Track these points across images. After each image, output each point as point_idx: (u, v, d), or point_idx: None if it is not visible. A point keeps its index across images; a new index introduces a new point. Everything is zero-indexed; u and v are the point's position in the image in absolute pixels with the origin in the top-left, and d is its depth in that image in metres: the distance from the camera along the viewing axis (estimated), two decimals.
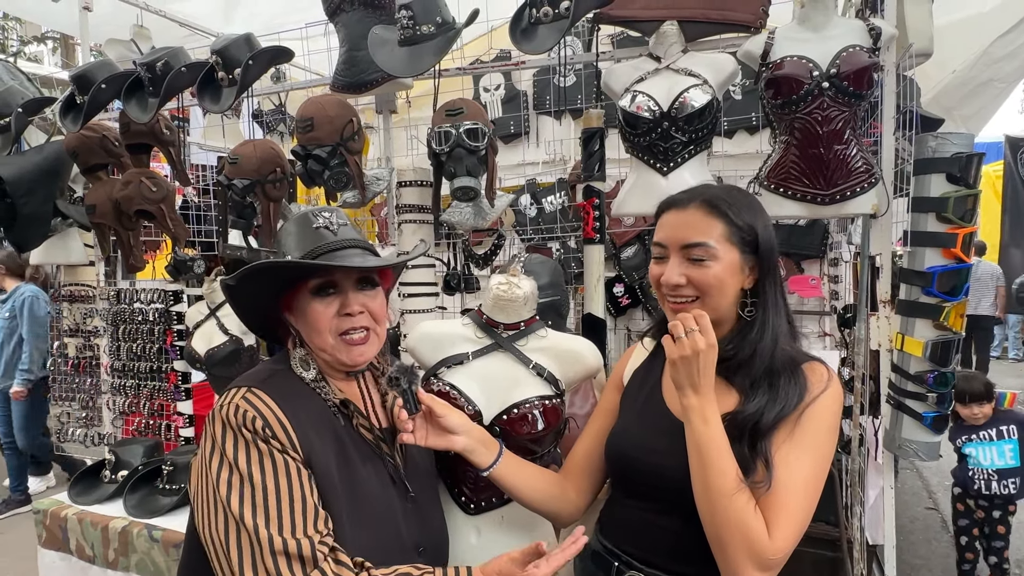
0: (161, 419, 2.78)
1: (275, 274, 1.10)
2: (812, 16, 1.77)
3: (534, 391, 1.40)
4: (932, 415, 1.76)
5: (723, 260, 1.10)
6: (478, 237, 2.69)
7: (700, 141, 1.86)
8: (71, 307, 3.12)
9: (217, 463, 1.00)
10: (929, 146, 1.75)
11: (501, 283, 1.46)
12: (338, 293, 1.12)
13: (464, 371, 1.45)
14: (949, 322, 1.72)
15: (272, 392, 1.06)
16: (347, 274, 1.12)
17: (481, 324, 1.50)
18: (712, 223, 1.11)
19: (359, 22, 2.17)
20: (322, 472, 1.04)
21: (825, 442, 1.06)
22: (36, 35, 11.91)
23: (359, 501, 1.08)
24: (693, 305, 1.11)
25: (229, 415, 1.02)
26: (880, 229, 1.84)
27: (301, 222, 1.16)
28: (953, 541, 3.30)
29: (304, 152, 2.14)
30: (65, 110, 2.54)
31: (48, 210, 2.87)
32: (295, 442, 1.02)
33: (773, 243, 1.13)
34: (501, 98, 4.41)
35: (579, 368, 1.47)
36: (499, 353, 1.47)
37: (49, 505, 2.23)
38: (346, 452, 1.10)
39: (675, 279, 1.11)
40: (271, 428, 1.01)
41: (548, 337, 1.49)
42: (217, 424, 1.03)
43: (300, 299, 1.13)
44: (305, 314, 1.12)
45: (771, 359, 1.09)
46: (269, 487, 0.98)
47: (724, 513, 0.98)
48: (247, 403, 1.03)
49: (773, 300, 1.12)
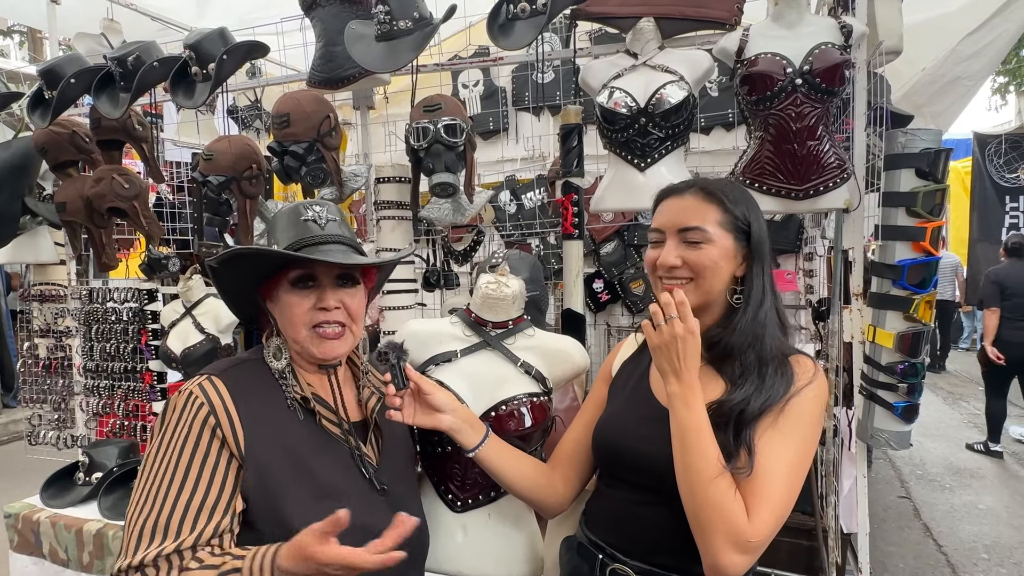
0: (136, 420, 2.73)
1: (257, 261, 1.13)
2: (786, 14, 1.80)
3: (522, 388, 1.41)
4: (903, 405, 1.80)
5: (718, 244, 1.14)
6: (457, 233, 2.68)
7: (677, 137, 1.88)
8: (41, 307, 3.05)
9: (152, 440, 1.06)
10: (899, 142, 1.79)
11: (490, 282, 1.47)
12: (316, 287, 1.13)
13: (452, 369, 1.45)
14: (919, 314, 1.76)
15: (230, 382, 1.09)
16: (327, 269, 1.13)
17: (469, 322, 1.51)
18: (709, 208, 1.15)
19: (335, 17, 2.14)
20: (265, 465, 1.06)
21: (808, 433, 1.08)
22: (2, 29, 11.58)
23: (316, 492, 1.08)
24: (686, 287, 1.14)
25: (179, 400, 1.06)
26: (852, 223, 1.87)
27: (291, 213, 1.17)
28: (923, 528, 3.39)
29: (281, 148, 2.12)
30: (33, 105, 2.47)
31: (16, 208, 2.79)
32: (237, 435, 1.05)
33: (765, 235, 1.16)
34: (480, 94, 4.41)
35: (567, 367, 1.48)
36: (487, 351, 1.48)
37: (21, 508, 2.19)
38: (299, 446, 1.10)
39: (671, 260, 1.15)
40: (216, 417, 1.04)
41: (536, 336, 1.51)
42: (170, 406, 1.07)
43: (279, 289, 1.14)
44: (282, 304, 1.14)
45: (760, 348, 1.11)
46: (178, 475, 1.01)
47: (704, 496, 1.00)
48: (200, 390, 1.06)
49: (760, 288, 1.14)
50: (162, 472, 1.02)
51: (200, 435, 1.03)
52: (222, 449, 1.04)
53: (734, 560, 0.98)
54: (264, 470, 1.05)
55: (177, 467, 1.02)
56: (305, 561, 0.90)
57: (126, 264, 2.90)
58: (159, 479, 1.01)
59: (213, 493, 1.02)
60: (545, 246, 3.73)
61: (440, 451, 1.41)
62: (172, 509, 0.99)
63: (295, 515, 1.03)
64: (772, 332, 1.13)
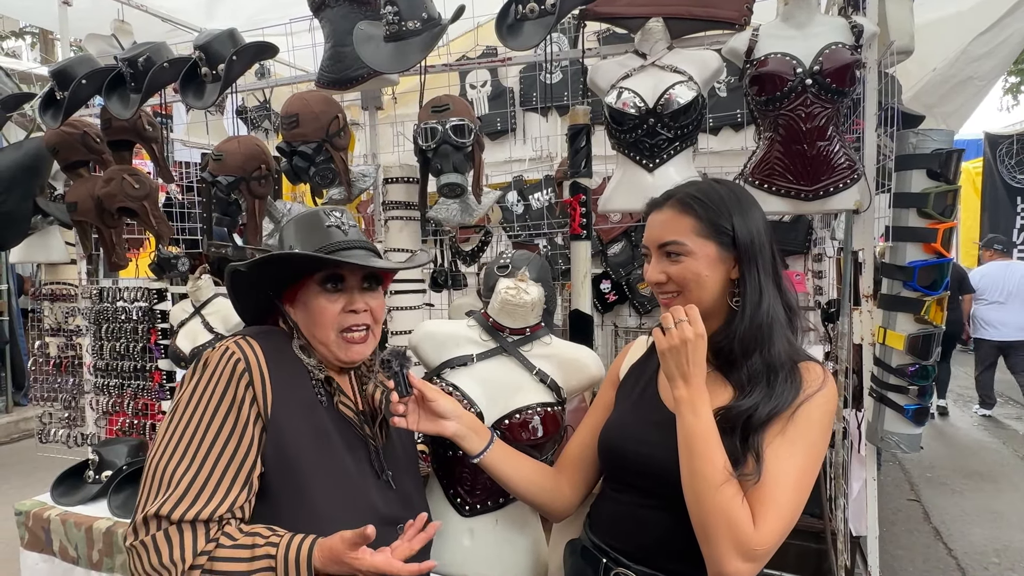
0: (145, 418, 2.74)
1: (289, 265, 1.15)
2: (796, 14, 1.79)
3: (536, 398, 1.41)
4: (913, 408, 1.79)
5: (698, 254, 1.14)
6: (465, 234, 2.68)
7: (686, 138, 1.88)
8: (52, 306, 3.07)
9: (184, 388, 1.06)
10: (910, 142, 1.78)
11: (509, 288, 1.46)
12: (344, 291, 1.16)
13: (468, 373, 1.45)
14: (930, 316, 1.75)
15: (265, 345, 1.10)
16: (355, 273, 1.16)
17: (487, 327, 1.50)
18: (682, 220, 1.15)
19: (344, 18, 2.15)
20: (288, 433, 1.07)
21: (817, 440, 1.07)
22: (14, 30, 11.69)
23: (330, 467, 1.10)
24: (676, 300, 1.15)
25: (215, 354, 1.07)
26: (863, 224, 1.86)
27: (312, 219, 1.19)
28: (933, 531, 3.36)
29: (289, 149, 2.12)
30: (45, 106, 2.50)
31: (28, 208, 2.82)
32: (268, 394, 1.06)
33: (753, 234, 1.13)
34: (488, 95, 4.41)
35: (582, 377, 1.48)
36: (503, 357, 1.47)
37: (31, 506, 2.21)
38: (322, 421, 1.12)
39: (655, 277, 1.17)
40: (251, 373, 1.05)
41: (552, 344, 1.50)
42: (202, 359, 1.07)
43: (306, 293, 1.16)
44: (310, 307, 1.15)
45: (767, 353, 1.09)
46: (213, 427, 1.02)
47: (710, 503, 0.99)
48: (237, 347, 1.07)
49: (755, 290, 1.12)
50: (197, 419, 1.02)
51: (237, 388, 1.04)
52: (253, 405, 1.05)
53: (739, 568, 0.98)
54: (286, 438, 1.06)
55: (213, 418, 1.02)
56: (339, 565, 0.95)
57: (136, 264, 2.93)
58: (194, 427, 1.02)
59: (243, 453, 1.03)
60: (552, 247, 3.73)
61: (451, 454, 1.41)
62: (210, 465, 1.00)
63: (316, 493, 1.06)
64: (779, 334, 1.11)
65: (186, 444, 1.01)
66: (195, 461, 1.00)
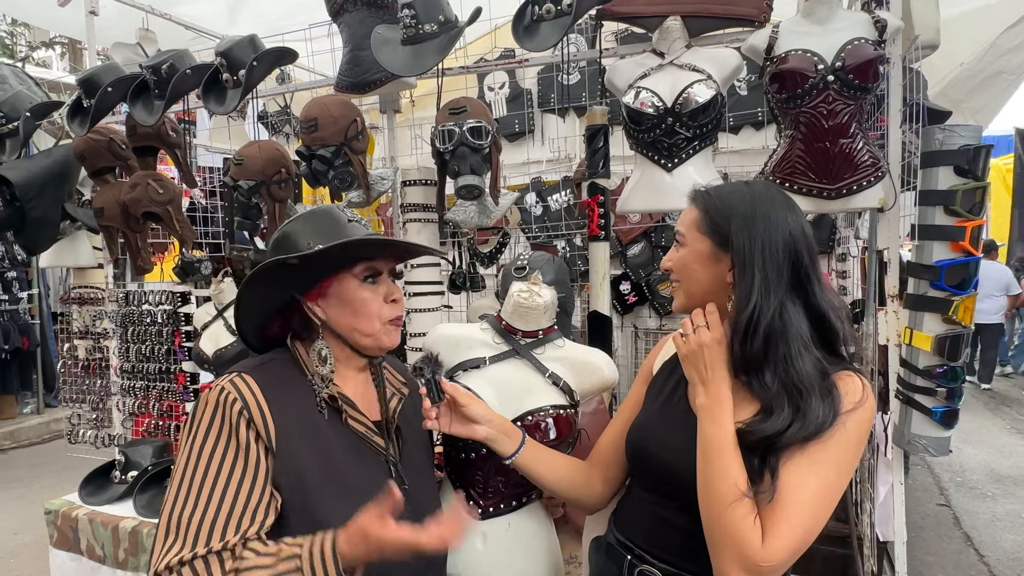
0: (170, 420, 2.79)
1: (356, 250, 1.15)
2: (817, 9, 1.76)
3: (548, 400, 1.41)
4: (942, 410, 1.75)
5: (690, 247, 1.15)
6: (483, 236, 2.68)
7: (705, 137, 1.85)
8: (80, 310, 3.14)
9: (186, 436, 1.07)
10: (936, 139, 1.74)
11: (522, 291, 1.46)
12: (380, 282, 1.19)
13: (480, 375, 1.45)
14: (958, 316, 1.70)
15: (260, 379, 1.10)
16: (387, 263, 1.20)
17: (500, 330, 1.50)
18: (691, 212, 1.17)
19: (362, 22, 2.17)
20: (296, 459, 1.07)
21: (846, 459, 1.02)
22: (44, 40, 11.97)
23: (342, 488, 1.10)
24: (677, 289, 1.19)
25: (212, 395, 1.07)
26: (887, 223, 1.82)
27: (327, 217, 1.19)
28: (964, 537, 3.28)
29: (309, 152, 2.15)
30: (72, 114, 2.55)
31: (57, 213, 2.89)
32: (269, 429, 1.06)
33: (752, 242, 1.06)
34: (505, 96, 4.41)
35: (595, 380, 1.47)
36: (516, 360, 1.47)
37: (60, 506, 2.25)
38: (328, 443, 1.12)
39: (663, 263, 1.22)
40: (249, 412, 1.05)
41: (565, 347, 1.49)
42: (201, 402, 1.08)
43: (342, 287, 1.16)
44: (351, 301, 1.16)
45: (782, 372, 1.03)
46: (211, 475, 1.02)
47: (719, 517, 0.98)
48: (232, 386, 1.07)
49: (744, 299, 1.05)
50: (204, 466, 1.02)
51: (237, 428, 1.04)
52: (257, 441, 1.05)
53: None
54: (295, 465, 1.07)
55: (222, 463, 1.02)
56: (366, 541, 0.94)
57: (160, 267, 2.98)
58: (199, 474, 1.02)
59: (257, 490, 1.03)
60: (571, 248, 3.72)
61: (464, 457, 1.41)
62: (219, 505, 1.00)
63: (327, 513, 1.05)
64: (796, 349, 1.03)
65: (196, 489, 1.01)
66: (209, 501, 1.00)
